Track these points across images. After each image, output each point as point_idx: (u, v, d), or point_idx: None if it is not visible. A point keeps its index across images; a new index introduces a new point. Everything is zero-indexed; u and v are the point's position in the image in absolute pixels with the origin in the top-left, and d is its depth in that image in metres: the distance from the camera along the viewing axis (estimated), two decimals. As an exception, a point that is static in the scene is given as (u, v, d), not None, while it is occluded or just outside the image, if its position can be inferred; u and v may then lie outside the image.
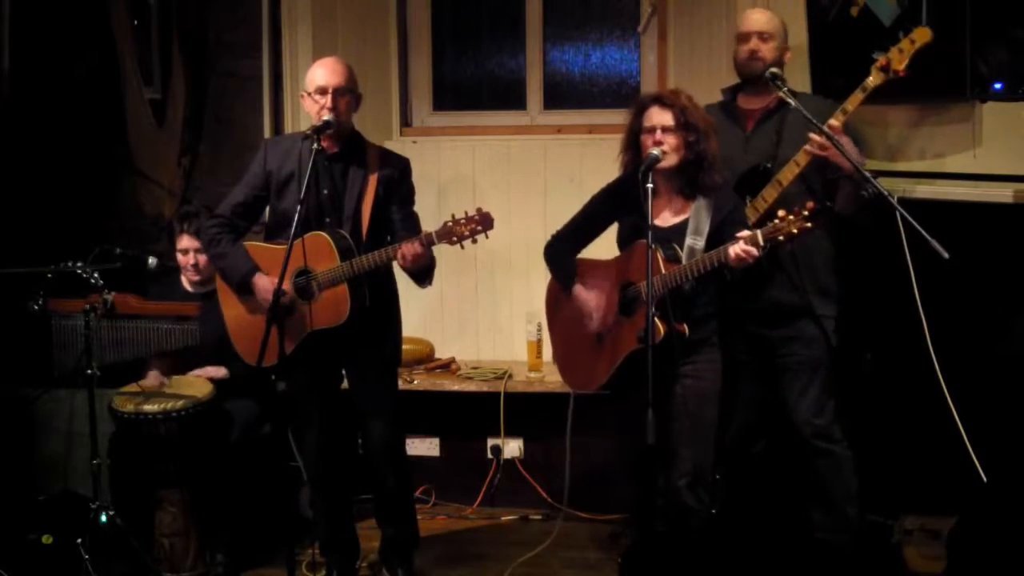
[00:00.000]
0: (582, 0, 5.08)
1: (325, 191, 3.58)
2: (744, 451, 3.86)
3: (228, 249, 3.63)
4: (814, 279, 3.62)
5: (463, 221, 3.37)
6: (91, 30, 4.71)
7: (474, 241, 3.39)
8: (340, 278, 3.48)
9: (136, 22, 4.79)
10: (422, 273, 3.57)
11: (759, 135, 3.62)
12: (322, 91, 3.50)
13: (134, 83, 4.75)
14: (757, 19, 3.66)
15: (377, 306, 3.58)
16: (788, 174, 3.48)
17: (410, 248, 3.40)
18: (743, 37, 3.64)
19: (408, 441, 4.26)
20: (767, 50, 3.60)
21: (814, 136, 3.40)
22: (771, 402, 3.71)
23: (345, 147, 3.60)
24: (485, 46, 5.19)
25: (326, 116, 3.47)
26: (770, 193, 3.50)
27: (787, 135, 3.56)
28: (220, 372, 4.08)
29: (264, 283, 3.54)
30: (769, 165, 3.54)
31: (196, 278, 4.19)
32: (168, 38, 4.81)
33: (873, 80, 3.38)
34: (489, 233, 3.39)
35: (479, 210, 3.38)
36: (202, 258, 4.10)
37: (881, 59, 3.37)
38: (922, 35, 3.32)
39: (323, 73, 3.53)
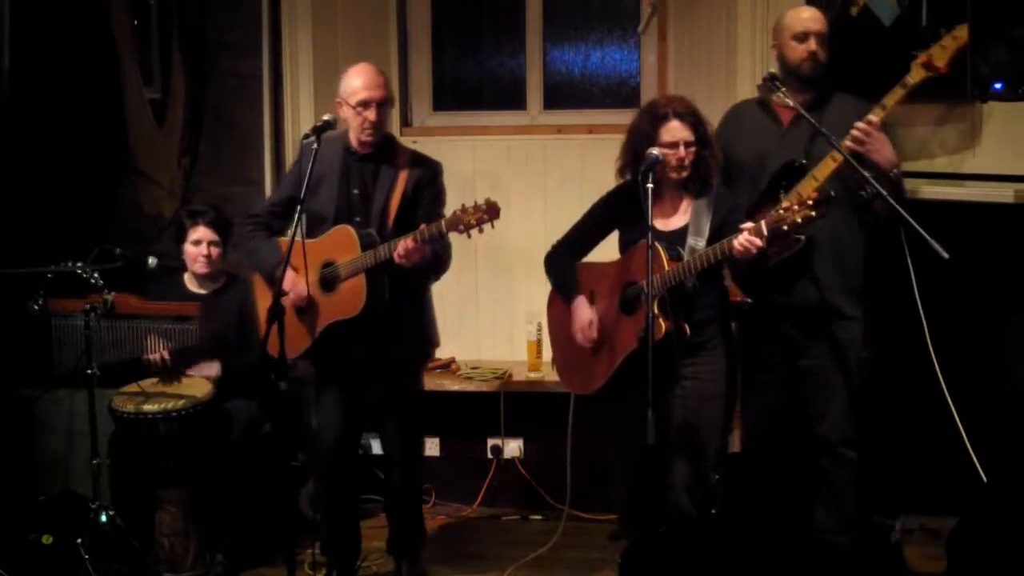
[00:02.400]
0: (582, 0, 5.08)
1: (355, 191, 3.63)
2: (756, 455, 3.79)
3: (261, 244, 3.70)
4: (845, 280, 3.54)
5: (471, 210, 3.41)
6: (91, 30, 4.71)
7: (480, 230, 3.42)
8: (358, 268, 3.52)
9: (136, 22, 4.80)
10: (424, 270, 3.58)
11: (795, 131, 3.52)
12: (365, 104, 3.54)
13: (134, 83, 4.76)
14: (815, 18, 3.54)
15: (399, 301, 3.59)
16: (825, 170, 3.38)
17: (403, 245, 3.43)
18: (801, 36, 3.51)
19: (408, 441, 4.27)
20: (823, 51, 3.50)
21: (854, 130, 3.33)
22: (787, 406, 3.63)
23: (377, 148, 3.64)
24: (485, 46, 5.18)
25: (367, 130, 3.55)
26: (805, 188, 3.39)
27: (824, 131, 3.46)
28: (213, 369, 4.06)
29: (287, 277, 3.56)
30: (804, 161, 3.46)
31: (205, 271, 4.18)
32: (168, 38, 4.81)
33: (913, 77, 3.31)
34: (495, 223, 3.41)
35: (487, 200, 3.42)
36: (215, 250, 4.11)
37: (922, 56, 3.29)
38: (964, 32, 3.25)
39: (365, 85, 3.55)
